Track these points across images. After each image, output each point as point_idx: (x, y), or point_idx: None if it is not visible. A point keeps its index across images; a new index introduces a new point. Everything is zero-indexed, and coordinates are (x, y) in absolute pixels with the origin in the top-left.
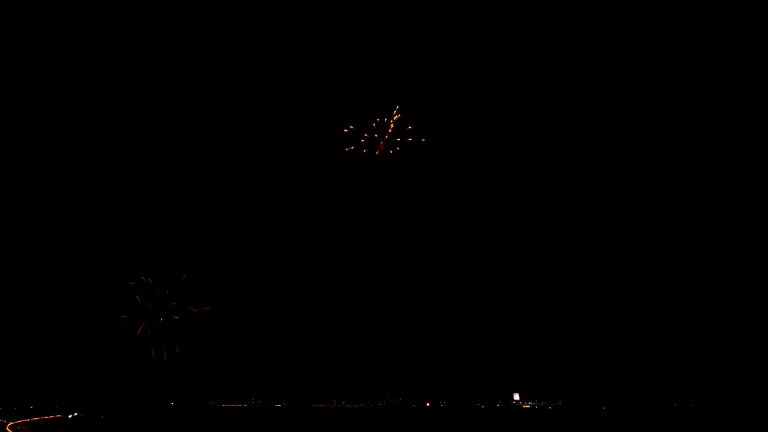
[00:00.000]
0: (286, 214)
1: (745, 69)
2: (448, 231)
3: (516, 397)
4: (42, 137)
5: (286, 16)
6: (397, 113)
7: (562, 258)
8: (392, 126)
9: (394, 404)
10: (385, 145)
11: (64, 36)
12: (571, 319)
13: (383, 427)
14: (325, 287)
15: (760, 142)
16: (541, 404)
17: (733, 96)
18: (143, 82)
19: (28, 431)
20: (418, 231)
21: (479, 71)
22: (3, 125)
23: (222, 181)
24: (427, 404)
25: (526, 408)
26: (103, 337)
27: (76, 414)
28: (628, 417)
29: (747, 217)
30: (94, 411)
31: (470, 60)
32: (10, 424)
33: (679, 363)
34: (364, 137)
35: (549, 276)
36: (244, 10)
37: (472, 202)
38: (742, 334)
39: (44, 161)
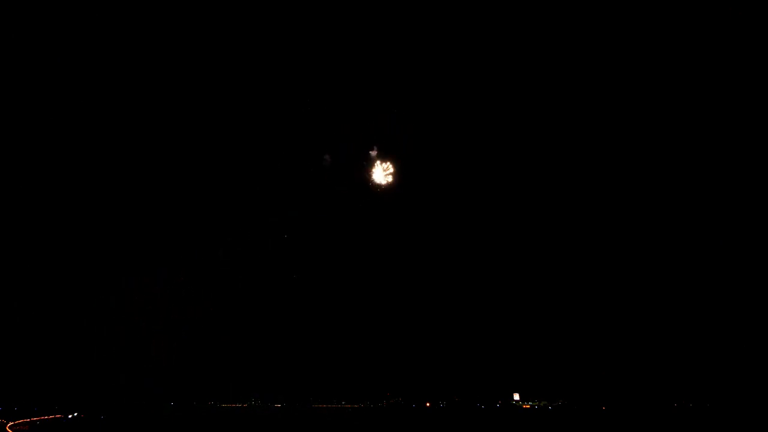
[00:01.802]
0: (286, 214)
1: (745, 69)
2: (449, 231)
3: (516, 397)
4: (41, 137)
5: (286, 15)
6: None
7: (562, 258)
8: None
9: (394, 404)
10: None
11: (64, 36)
12: (570, 320)
13: (383, 427)
14: (326, 288)
15: (760, 142)
16: (541, 404)
17: (733, 96)
18: (141, 82)
19: (28, 431)
20: (418, 231)
21: (478, 75)
22: (2, 125)
23: (222, 180)
24: (427, 404)
25: (526, 408)
26: (104, 337)
27: (76, 414)
28: (628, 417)
29: (747, 217)
30: (94, 411)
31: (469, 64)
32: (10, 424)
33: (679, 363)
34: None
35: (549, 276)
36: (242, 10)
37: (473, 203)
38: (742, 334)
39: (44, 161)
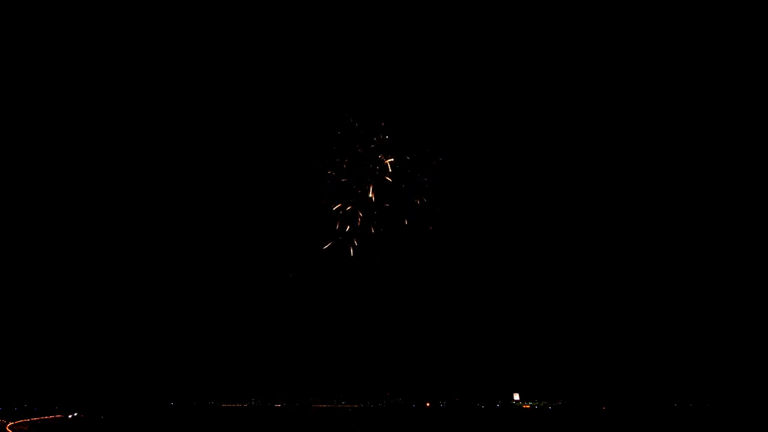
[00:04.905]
0: (285, 214)
1: (745, 69)
2: (448, 230)
3: (516, 397)
4: (41, 137)
5: (283, 23)
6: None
7: (561, 258)
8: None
9: (394, 404)
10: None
11: (64, 36)
12: (570, 320)
13: (383, 427)
14: (325, 287)
15: (760, 142)
16: (541, 404)
17: (733, 96)
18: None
19: (28, 431)
20: (417, 230)
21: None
22: (2, 125)
23: (221, 180)
24: (427, 404)
25: (526, 408)
26: (104, 337)
27: (76, 414)
28: (628, 417)
29: (747, 217)
30: (94, 411)
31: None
32: (10, 424)
33: (679, 363)
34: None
35: (549, 276)
36: (243, 11)
37: (471, 202)
38: (742, 334)
39: (44, 161)
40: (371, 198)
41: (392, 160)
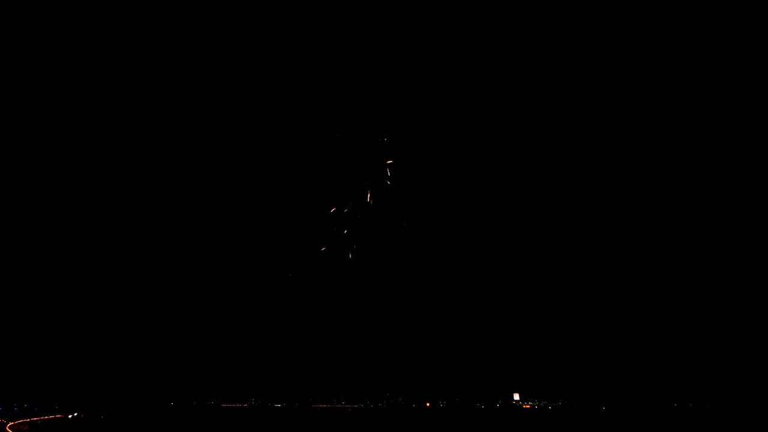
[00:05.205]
0: (285, 214)
1: (745, 69)
2: (449, 230)
3: (516, 397)
4: (41, 137)
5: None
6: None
7: (561, 258)
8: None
9: (394, 404)
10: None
11: (64, 36)
12: (570, 320)
13: (383, 427)
14: (325, 287)
15: (760, 142)
16: (541, 404)
17: (733, 96)
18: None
19: (28, 431)
20: (417, 230)
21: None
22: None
23: (221, 181)
24: (427, 404)
25: (526, 408)
26: (104, 337)
27: (76, 414)
28: (628, 417)
29: (747, 217)
30: (94, 411)
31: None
32: (10, 424)
33: (679, 363)
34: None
35: (549, 276)
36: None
37: (472, 202)
38: (742, 334)
39: (44, 161)
40: (369, 200)
41: (391, 161)
